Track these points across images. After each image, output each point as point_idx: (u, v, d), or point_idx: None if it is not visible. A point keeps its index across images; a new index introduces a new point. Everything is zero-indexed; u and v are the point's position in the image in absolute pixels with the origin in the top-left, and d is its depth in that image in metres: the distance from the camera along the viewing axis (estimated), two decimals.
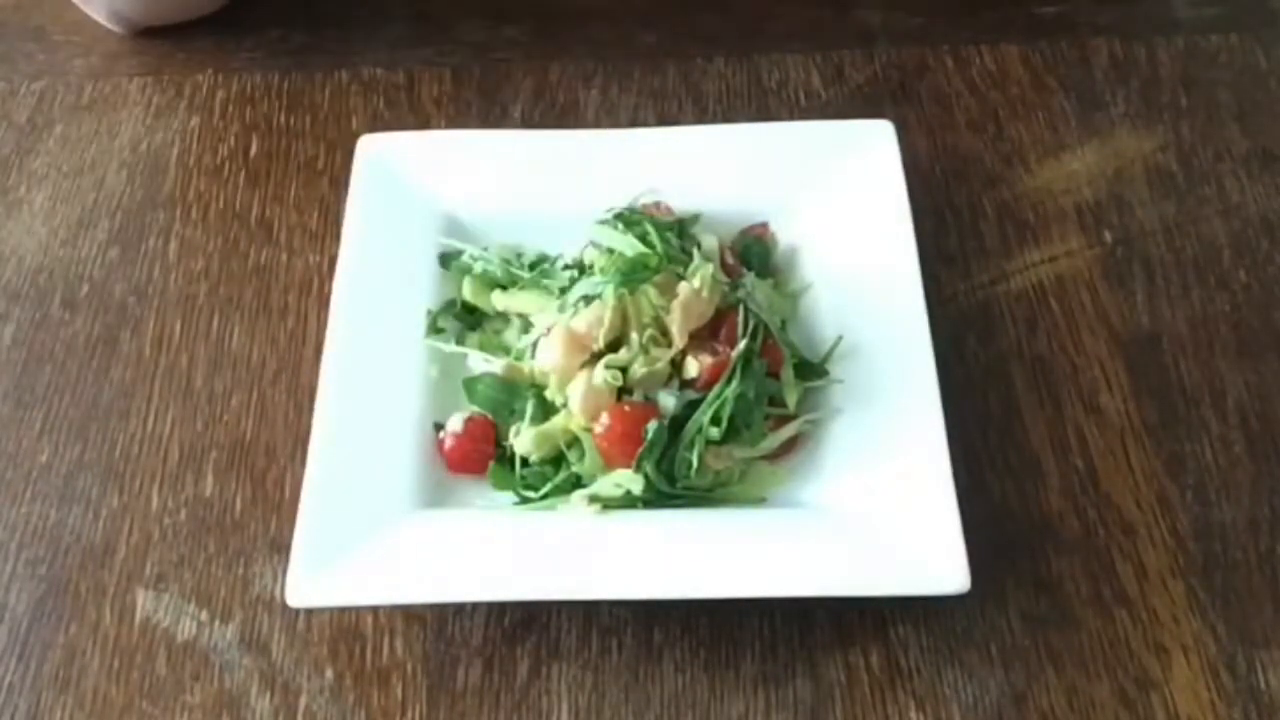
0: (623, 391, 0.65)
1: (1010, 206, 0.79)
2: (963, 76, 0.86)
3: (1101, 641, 0.63)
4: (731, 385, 0.64)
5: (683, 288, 0.66)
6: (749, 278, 0.70)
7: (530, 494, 0.65)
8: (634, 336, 0.65)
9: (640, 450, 0.63)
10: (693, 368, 0.65)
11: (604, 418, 0.64)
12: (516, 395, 0.67)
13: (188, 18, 0.89)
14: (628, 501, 0.64)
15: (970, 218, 0.78)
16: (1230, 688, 0.61)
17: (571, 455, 0.65)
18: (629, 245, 0.69)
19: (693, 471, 0.64)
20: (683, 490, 0.64)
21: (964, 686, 0.62)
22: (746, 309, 0.67)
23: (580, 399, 0.64)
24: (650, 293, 0.66)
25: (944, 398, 0.65)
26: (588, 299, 0.66)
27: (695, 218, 0.73)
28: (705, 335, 0.66)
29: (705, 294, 0.66)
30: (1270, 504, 0.67)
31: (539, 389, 0.67)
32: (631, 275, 0.66)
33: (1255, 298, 0.74)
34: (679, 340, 0.65)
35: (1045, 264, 0.76)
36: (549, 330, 0.66)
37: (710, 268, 0.67)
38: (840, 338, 0.68)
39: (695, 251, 0.69)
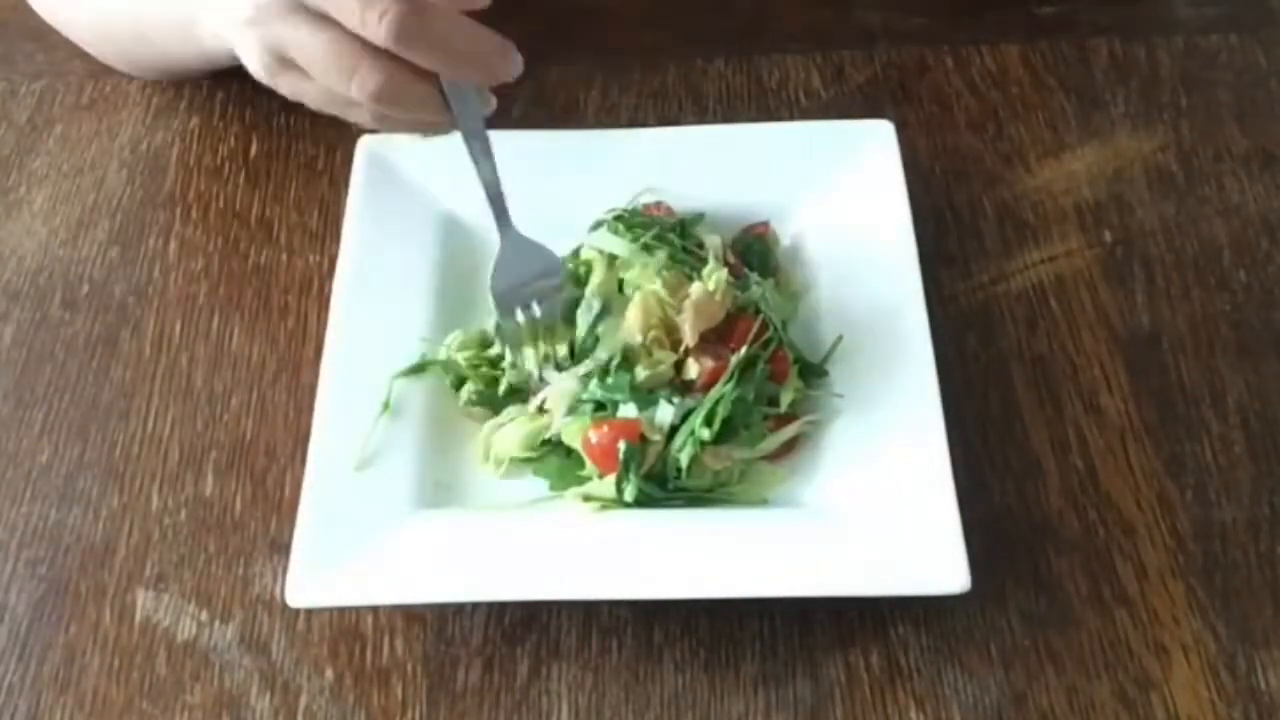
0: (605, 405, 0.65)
1: (1010, 206, 0.79)
2: (963, 76, 0.86)
3: (1101, 641, 0.63)
4: (728, 388, 0.64)
5: (695, 288, 0.66)
6: (754, 277, 0.70)
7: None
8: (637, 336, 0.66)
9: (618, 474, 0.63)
10: (693, 369, 0.65)
11: (590, 433, 0.64)
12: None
13: None
14: (625, 502, 0.64)
15: (970, 218, 0.78)
16: (1230, 688, 0.61)
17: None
18: (625, 249, 0.69)
19: (682, 474, 0.64)
20: (675, 492, 0.64)
21: (964, 686, 0.62)
22: (765, 316, 0.67)
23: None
24: (661, 292, 0.66)
25: (944, 398, 0.65)
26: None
27: (699, 217, 0.73)
28: (712, 338, 0.66)
29: (718, 297, 0.66)
30: (1270, 504, 0.67)
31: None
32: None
33: (1255, 298, 0.74)
34: (690, 340, 0.65)
35: (1045, 264, 0.76)
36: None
37: (724, 271, 0.67)
38: (840, 337, 0.68)
39: (710, 253, 0.69)
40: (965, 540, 0.60)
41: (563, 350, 0.68)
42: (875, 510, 0.62)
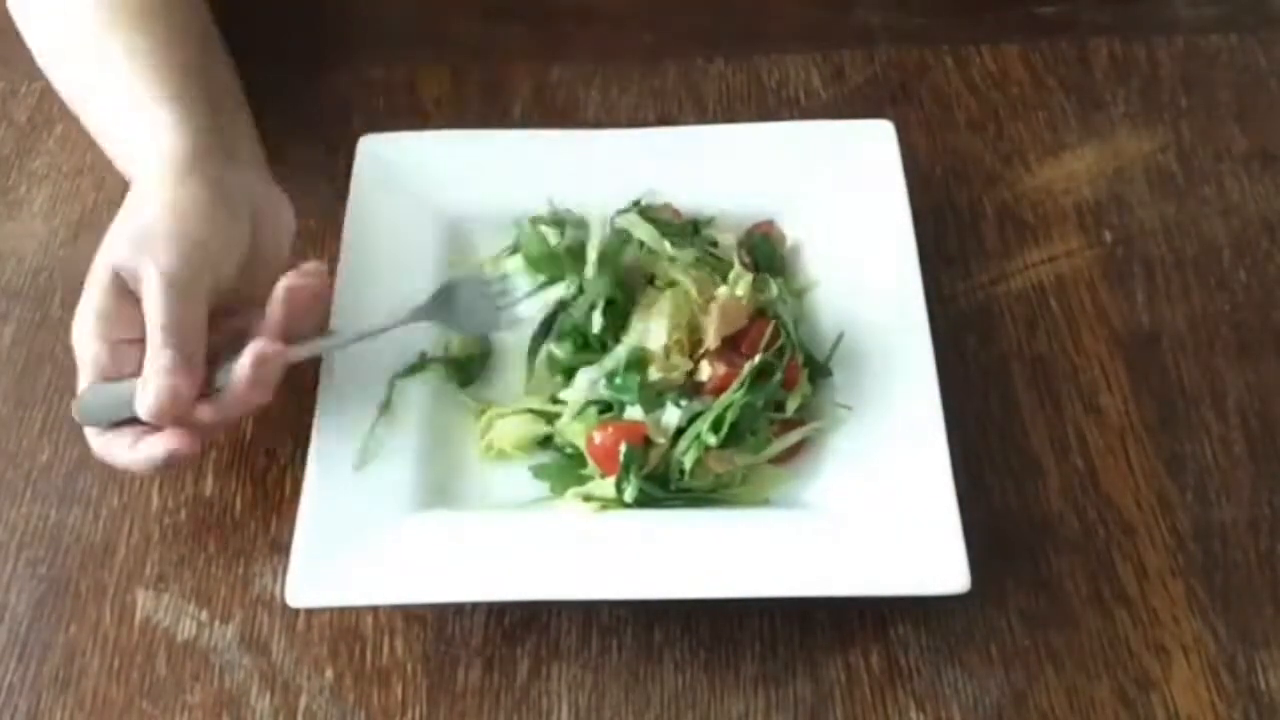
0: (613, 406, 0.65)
1: (1010, 206, 0.79)
2: (963, 76, 0.86)
3: (1101, 641, 0.63)
4: (739, 394, 0.64)
5: (722, 292, 0.66)
6: (767, 278, 0.70)
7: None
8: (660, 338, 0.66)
9: (618, 475, 0.63)
10: (705, 372, 0.65)
11: (595, 434, 0.64)
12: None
13: None
14: (625, 502, 0.64)
15: (970, 218, 0.78)
16: (1230, 688, 0.61)
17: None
18: (655, 239, 0.69)
19: (686, 475, 0.64)
20: (677, 493, 0.64)
21: (964, 686, 0.62)
22: (781, 323, 0.67)
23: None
24: (691, 293, 0.66)
25: (944, 398, 0.65)
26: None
27: (710, 220, 0.73)
28: (725, 341, 0.66)
29: (744, 302, 0.66)
30: (1270, 504, 0.67)
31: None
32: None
33: (1255, 298, 0.74)
34: (712, 343, 0.65)
35: (1045, 264, 0.76)
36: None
37: (750, 276, 0.67)
38: (842, 334, 0.68)
39: (733, 256, 0.69)
40: (965, 540, 0.60)
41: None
42: (875, 510, 0.62)
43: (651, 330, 0.66)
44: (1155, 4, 0.90)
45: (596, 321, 0.67)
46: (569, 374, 0.67)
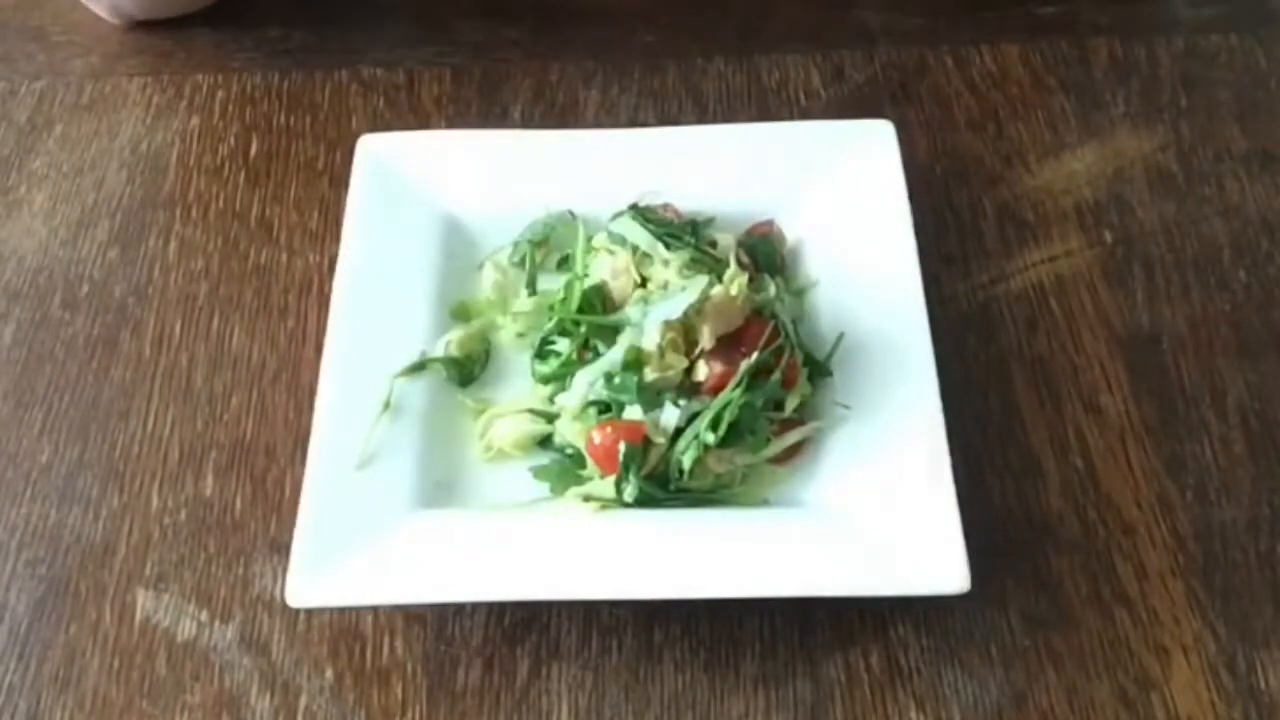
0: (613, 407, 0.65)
1: (1010, 206, 0.79)
2: (963, 76, 0.86)
3: (1101, 641, 0.63)
4: (737, 393, 0.64)
5: (716, 292, 0.66)
6: (767, 279, 0.70)
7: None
8: (654, 338, 0.66)
9: (617, 475, 0.63)
10: (702, 371, 0.65)
11: (594, 434, 0.64)
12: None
13: (185, 11, 0.89)
14: (625, 502, 0.64)
15: (970, 218, 0.78)
16: (1230, 688, 0.61)
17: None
18: (648, 241, 0.69)
19: (685, 475, 0.63)
20: (676, 493, 0.64)
21: (964, 686, 0.62)
22: (779, 322, 0.67)
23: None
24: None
25: (944, 398, 0.65)
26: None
27: (710, 220, 0.73)
28: (723, 341, 0.66)
29: (739, 302, 0.66)
30: (1270, 504, 0.67)
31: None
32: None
33: (1255, 298, 0.74)
34: (707, 344, 0.65)
35: (1045, 264, 0.76)
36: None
37: (745, 276, 0.67)
38: (842, 334, 0.68)
39: (730, 256, 0.69)
40: (965, 540, 0.60)
41: None
42: (875, 510, 0.62)
43: (645, 335, 0.66)
44: (1155, 4, 0.90)
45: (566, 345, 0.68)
46: (556, 381, 0.68)
